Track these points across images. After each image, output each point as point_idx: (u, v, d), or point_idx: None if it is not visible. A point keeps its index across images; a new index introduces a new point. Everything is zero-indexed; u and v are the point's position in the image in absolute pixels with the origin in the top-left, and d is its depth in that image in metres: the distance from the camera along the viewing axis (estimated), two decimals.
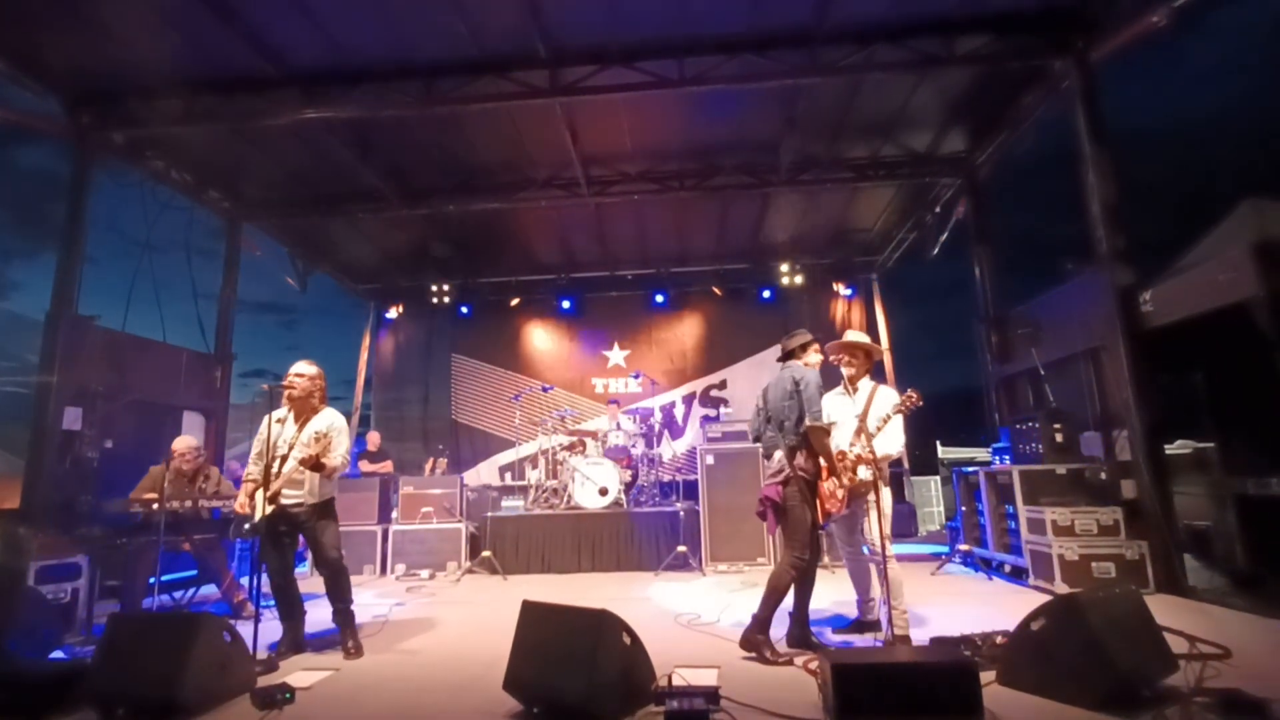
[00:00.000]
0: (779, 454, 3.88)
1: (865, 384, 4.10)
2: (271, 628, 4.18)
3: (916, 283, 15.73)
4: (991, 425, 7.88)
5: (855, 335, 4.28)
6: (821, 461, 3.79)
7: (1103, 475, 5.70)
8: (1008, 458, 6.24)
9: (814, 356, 4.05)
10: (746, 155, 8.09)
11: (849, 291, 11.36)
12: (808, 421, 3.72)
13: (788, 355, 4.08)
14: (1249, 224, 4.77)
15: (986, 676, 2.95)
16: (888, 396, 4.01)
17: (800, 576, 3.80)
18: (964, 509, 6.79)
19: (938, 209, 9.26)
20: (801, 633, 3.85)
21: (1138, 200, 6.32)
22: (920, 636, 3.86)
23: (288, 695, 3.09)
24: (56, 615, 4.49)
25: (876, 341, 10.44)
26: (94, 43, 5.83)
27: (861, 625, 4.21)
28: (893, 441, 3.88)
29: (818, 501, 3.78)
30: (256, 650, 3.55)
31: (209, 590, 5.64)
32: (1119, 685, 2.72)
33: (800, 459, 3.79)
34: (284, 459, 3.96)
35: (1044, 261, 7.04)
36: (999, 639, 3.45)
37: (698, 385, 11.51)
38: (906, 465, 10.55)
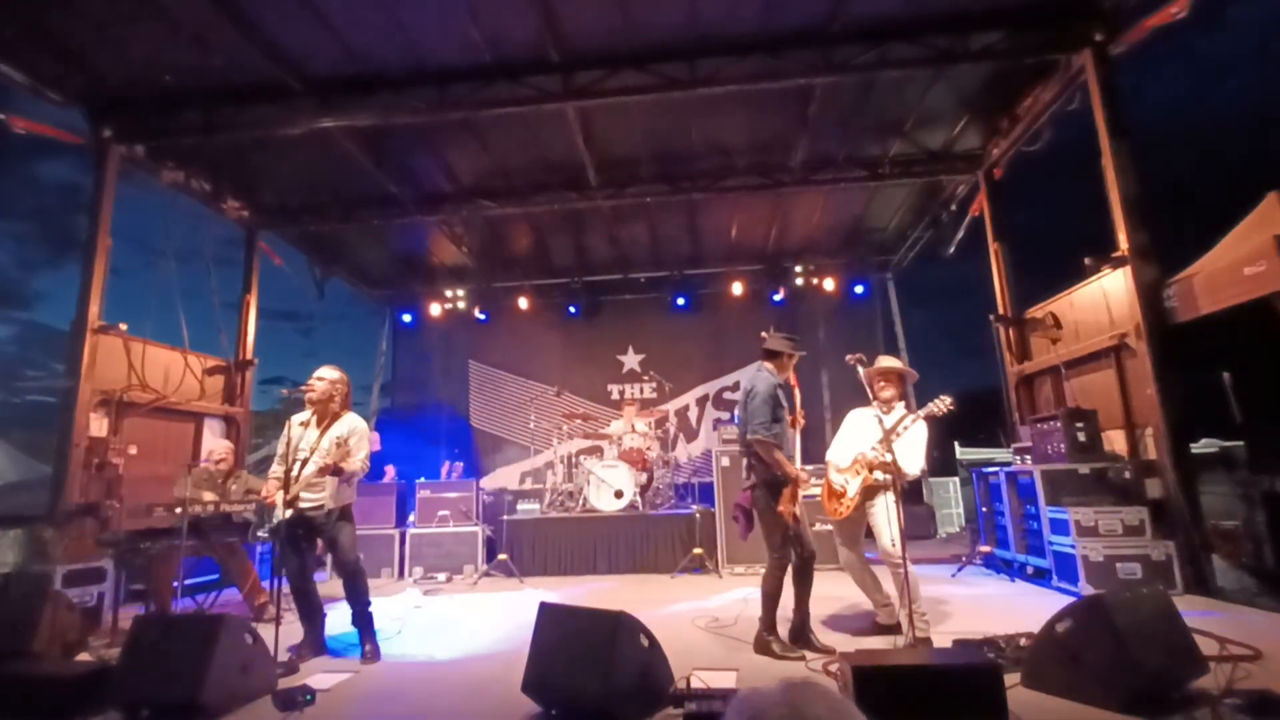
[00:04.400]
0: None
1: (899, 408, 4.13)
2: (292, 630, 4.21)
3: (932, 282, 15.58)
4: (1010, 425, 7.77)
5: (888, 361, 4.28)
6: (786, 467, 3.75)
7: (1127, 474, 5.60)
8: (1028, 458, 6.15)
9: (784, 367, 4.00)
10: (759, 155, 8.06)
11: (862, 290, 11.27)
12: (748, 436, 3.74)
13: (766, 354, 4.04)
14: (1275, 216, 4.67)
15: (1011, 679, 2.91)
16: (919, 427, 4.01)
17: (798, 575, 3.81)
18: (984, 510, 6.70)
19: (953, 207, 9.17)
20: (801, 630, 3.83)
21: (1157, 196, 6.23)
22: (942, 639, 3.81)
23: (308, 697, 3.12)
24: (83, 618, 4.56)
25: (893, 342, 10.36)
26: (116, 56, 5.96)
27: (880, 628, 4.16)
28: (913, 461, 3.88)
29: (783, 500, 3.74)
30: (278, 652, 3.58)
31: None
32: (1147, 687, 2.67)
33: (759, 465, 3.79)
34: (304, 462, 4.00)
35: (1063, 258, 6.93)
36: (1023, 641, 3.40)
37: (711, 388, 11.48)
38: (925, 465, 10.40)
